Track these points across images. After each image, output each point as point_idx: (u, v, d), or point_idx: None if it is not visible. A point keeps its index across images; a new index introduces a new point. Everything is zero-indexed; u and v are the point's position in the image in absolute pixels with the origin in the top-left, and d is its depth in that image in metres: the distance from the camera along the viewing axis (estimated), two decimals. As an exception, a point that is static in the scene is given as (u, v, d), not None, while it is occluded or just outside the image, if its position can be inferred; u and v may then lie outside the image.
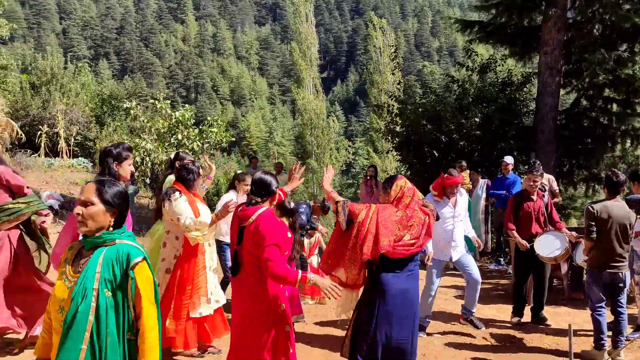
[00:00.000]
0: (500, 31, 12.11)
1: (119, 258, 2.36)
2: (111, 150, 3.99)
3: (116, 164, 3.95)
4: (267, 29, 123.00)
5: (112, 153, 3.96)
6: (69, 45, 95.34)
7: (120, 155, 3.97)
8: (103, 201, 2.40)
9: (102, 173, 3.95)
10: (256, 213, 3.41)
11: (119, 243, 2.41)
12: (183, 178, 4.61)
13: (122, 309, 2.36)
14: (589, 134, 11.55)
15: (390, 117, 12.61)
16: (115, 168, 3.95)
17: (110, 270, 2.35)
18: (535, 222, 6.27)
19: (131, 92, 22.95)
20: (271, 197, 3.53)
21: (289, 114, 79.27)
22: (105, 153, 3.98)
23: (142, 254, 2.40)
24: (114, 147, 4.01)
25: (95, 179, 2.52)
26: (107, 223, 2.41)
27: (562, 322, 6.20)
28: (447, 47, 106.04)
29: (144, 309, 2.37)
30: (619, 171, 5.27)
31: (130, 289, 2.37)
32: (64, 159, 16.50)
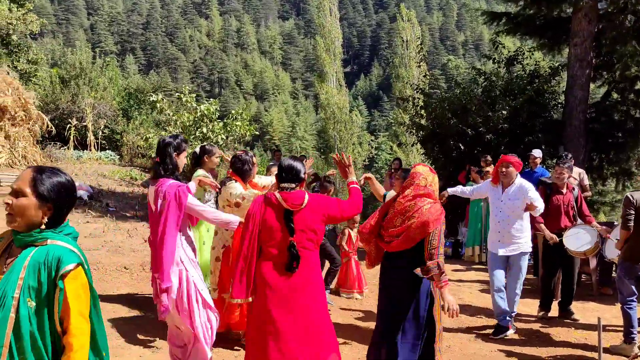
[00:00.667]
0: (528, 23, 11.93)
1: (47, 262, 1.99)
2: (171, 141, 3.83)
3: (176, 154, 3.81)
4: (291, 23, 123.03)
5: (173, 143, 3.81)
6: (97, 41, 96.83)
7: (180, 146, 3.84)
8: (36, 194, 2.03)
9: (162, 163, 3.78)
10: (306, 197, 3.32)
11: (50, 244, 2.03)
12: (239, 169, 4.62)
13: (46, 323, 1.99)
14: (620, 128, 11.32)
15: (415, 110, 12.53)
16: (175, 159, 3.81)
17: (36, 276, 1.98)
18: (565, 215, 6.18)
19: (156, 86, 23.24)
20: (301, 183, 3.47)
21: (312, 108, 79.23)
22: (165, 143, 3.81)
23: (77, 260, 2.03)
24: (173, 138, 3.86)
25: (33, 167, 2.13)
26: (38, 220, 2.05)
27: (590, 317, 6.10)
28: (473, 40, 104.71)
29: (71, 325, 1.99)
30: None
31: (57, 301, 1.99)
32: (92, 151, 16.80)
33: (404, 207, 3.65)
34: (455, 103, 11.55)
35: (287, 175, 3.41)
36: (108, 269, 7.25)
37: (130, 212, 10.42)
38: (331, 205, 3.42)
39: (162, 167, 3.76)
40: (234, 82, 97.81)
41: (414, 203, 3.63)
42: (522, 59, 12.21)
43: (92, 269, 7.08)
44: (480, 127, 11.16)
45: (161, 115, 15.02)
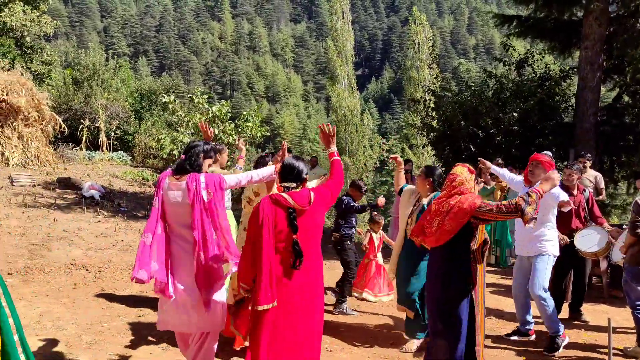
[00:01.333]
0: (539, 26, 11.92)
1: None
2: (201, 144, 3.82)
3: (202, 156, 3.77)
4: (303, 26, 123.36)
5: (202, 147, 3.80)
6: (110, 43, 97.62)
7: (208, 152, 3.83)
8: None
9: (189, 160, 3.73)
10: (311, 195, 3.35)
11: None
12: None
13: None
14: (631, 131, 11.26)
15: (426, 111, 12.55)
16: (202, 161, 3.79)
17: None
18: (576, 217, 6.16)
19: (169, 88, 23.43)
20: (303, 183, 3.46)
21: (323, 111, 79.38)
22: (195, 144, 3.82)
23: None
24: (205, 143, 3.86)
25: None
26: None
27: (600, 319, 6.07)
28: (484, 44, 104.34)
29: None
30: None
31: None
32: (104, 152, 16.96)
33: (437, 208, 3.72)
34: (466, 105, 11.55)
35: (288, 175, 3.44)
36: (119, 267, 7.35)
37: (141, 212, 10.52)
38: (327, 195, 3.48)
39: (189, 162, 3.72)
40: (246, 85, 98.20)
41: (447, 202, 3.68)
42: (532, 62, 12.18)
43: (103, 267, 7.20)
44: (491, 129, 11.16)
45: (173, 116, 15.15)
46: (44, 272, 6.85)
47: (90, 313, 5.51)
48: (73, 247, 7.82)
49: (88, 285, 6.58)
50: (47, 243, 7.80)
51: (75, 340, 4.74)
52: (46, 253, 7.44)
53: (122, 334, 4.94)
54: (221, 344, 4.10)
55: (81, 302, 5.91)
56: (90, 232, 8.61)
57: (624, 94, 11.64)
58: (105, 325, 5.18)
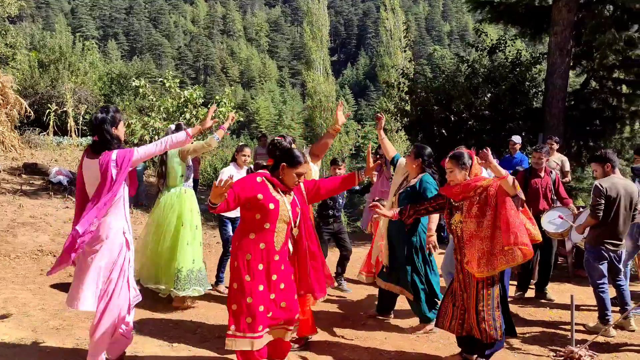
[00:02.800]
0: (511, 11, 11.99)
1: None
2: (105, 116, 3.72)
3: (114, 128, 3.73)
4: (277, 10, 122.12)
5: (107, 119, 3.71)
6: (78, 25, 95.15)
7: (115, 119, 3.76)
8: None
9: (105, 141, 3.68)
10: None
11: None
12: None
13: None
14: (598, 116, 11.49)
15: (400, 95, 12.59)
16: (114, 131, 3.74)
17: None
18: (543, 198, 6.32)
19: (140, 72, 22.99)
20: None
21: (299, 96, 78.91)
22: (100, 120, 3.71)
23: None
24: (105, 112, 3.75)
25: None
26: None
27: (565, 298, 6.23)
28: (458, 30, 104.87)
29: None
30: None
31: None
32: (72, 137, 16.59)
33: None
34: (439, 90, 11.63)
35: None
36: (88, 252, 7.23)
37: (111, 197, 10.35)
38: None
39: (107, 144, 3.67)
40: (220, 70, 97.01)
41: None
42: (504, 48, 12.30)
43: (71, 252, 7.07)
44: (463, 114, 11.26)
45: (144, 100, 14.89)
46: (10, 258, 6.71)
47: (57, 298, 5.42)
48: (40, 233, 7.67)
49: (55, 271, 6.46)
50: (13, 229, 7.63)
51: (42, 325, 4.67)
52: (12, 239, 7.29)
53: (90, 319, 4.85)
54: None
55: (48, 287, 5.81)
56: (57, 217, 8.45)
57: (592, 80, 11.85)
58: (72, 310, 5.08)
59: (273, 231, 3.74)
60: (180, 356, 4.25)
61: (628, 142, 11.60)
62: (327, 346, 4.58)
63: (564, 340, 4.81)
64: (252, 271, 3.70)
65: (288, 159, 3.76)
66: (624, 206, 5.04)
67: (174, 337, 4.60)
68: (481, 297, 3.89)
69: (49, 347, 4.22)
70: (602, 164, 5.20)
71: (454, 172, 3.98)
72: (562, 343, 4.78)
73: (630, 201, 5.08)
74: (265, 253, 3.73)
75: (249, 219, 3.74)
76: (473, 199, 3.86)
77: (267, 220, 3.71)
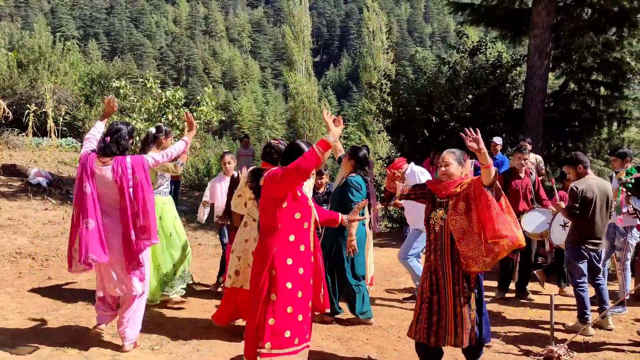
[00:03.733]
0: (491, 13, 12.15)
1: None
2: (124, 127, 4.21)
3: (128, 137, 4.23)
4: (260, 11, 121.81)
5: (126, 128, 4.22)
6: (58, 25, 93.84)
7: (132, 133, 4.25)
8: None
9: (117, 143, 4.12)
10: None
11: None
12: (274, 160, 4.55)
13: None
14: (577, 117, 11.68)
15: (382, 96, 12.66)
16: (127, 143, 4.21)
17: None
18: (523, 199, 6.39)
19: (121, 73, 22.73)
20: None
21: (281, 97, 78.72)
22: (119, 127, 4.18)
23: None
24: (126, 125, 4.23)
25: None
26: None
27: (544, 297, 6.31)
28: (440, 32, 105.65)
29: None
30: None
31: None
32: (52, 138, 16.34)
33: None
34: (421, 91, 11.71)
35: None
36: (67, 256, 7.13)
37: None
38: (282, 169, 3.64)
39: (117, 147, 4.08)
40: (202, 70, 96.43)
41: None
42: (485, 50, 12.44)
43: (50, 256, 6.98)
44: (444, 115, 11.35)
45: (125, 101, 14.74)
46: (-13, 261, 6.60)
47: (36, 302, 5.35)
48: (18, 235, 7.55)
49: (34, 274, 6.38)
50: (-9, 231, 7.50)
51: (21, 329, 4.60)
52: (-11, 242, 7.16)
53: (70, 322, 4.82)
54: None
55: (26, 290, 5.72)
56: (36, 220, 8.33)
57: (571, 82, 12.04)
58: (52, 314, 5.04)
59: (309, 231, 3.65)
60: (161, 358, 4.21)
61: (606, 143, 11.79)
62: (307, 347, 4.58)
63: (544, 340, 4.87)
64: (293, 277, 3.51)
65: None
66: (600, 206, 5.13)
67: (155, 340, 4.56)
68: (459, 300, 3.78)
69: (27, 350, 4.16)
70: (574, 166, 5.29)
71: (450, 167, 3.91)
72: (541, 342, 4.84)
73: (607, 200, 5.17)
74: (304, 255, 3.60)
75: (288, 221, 3.54)
76: (459, 196, 3.83)
77: (306, 219, 3.60)
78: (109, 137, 4.08)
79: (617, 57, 10.77)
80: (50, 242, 7.48)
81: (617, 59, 10.78)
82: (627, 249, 5.79)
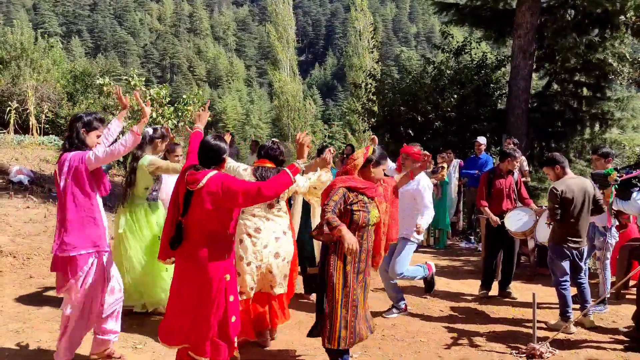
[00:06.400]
0: (475, 14, 12.24)
1: None
2: (82, 116, 3.83)
3: (84, 130, 3.79)
4: (245, 9, 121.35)
5: (83, 119, 3.81)
6: (40, 22, 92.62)
7: (91, 124, 3.82)
8: None
9: (70, 138, 3.79)
10: (206, 177, 3.31)
11: None
12: (275, 158, 4.51)
13: None
14: (560, 117, 11.81)
15: (367, 96, 12.70)
16: (83, 135, 3.78)
17: None
18: (507, 198, 6.44)
19: (104, 70, 22.51)
20: (220, 165, 3.47)
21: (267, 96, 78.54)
22: (75, 118, 3.84)
23: None
24: (86, 115, 3.85)
25: None
26: None
27: (527, 296, 6.32)
28: (425, 32, 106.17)
29: None
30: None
31: None
32: (34, 136, 16.13)
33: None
34: (406, 91, 11.77)
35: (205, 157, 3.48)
36: (49, 254, 7.04)
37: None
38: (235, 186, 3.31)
39: (68, 141, 3.77)
40: (187, 68, 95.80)
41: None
42: (469, 50, 12.53)
43: (32, 254, 6.89)
44: (429, 115, 11.42)
45: (109, 99, 14.58)
46: (-33, 260, 6.49)
47: (18, 301, 5.27)
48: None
49: (15, 273, 6.28)
50: (-30, 230, 7.39)
51: (1, 328, 4.53)
52: (-31, 240, 7.05)
53: (52, 321, 4.76)
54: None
55: (7, 289, 5.64)
56: (18, 218, 8.21)
57: (554, 82, 12.17)
58: (33, 312, 4.97)
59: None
60: (144, 357, 4.18)
61: (588, 144, 11.95)
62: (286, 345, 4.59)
63: (526, 338, 4.92)
64: (234, 272, 3.65)
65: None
66: (580, 204, 5.19)
67: (137, 338, 4.52)
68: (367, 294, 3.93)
69: (8, 350, 4.10)
70: (552, 167, 5.34)
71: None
72: (524, 340, 4.89)
73: (587, 198, 5.22)
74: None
75: (235, 224, 3.56)
76: (380, 195, 3.94)
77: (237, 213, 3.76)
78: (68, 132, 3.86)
79: (599, 59, 10.94)
80: (31, 241, 7.37)
81: (599, 60, 10.94)
82: (607, 249, 5.87)
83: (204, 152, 3.43)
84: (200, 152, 3.44)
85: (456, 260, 8.51)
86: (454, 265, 8.17)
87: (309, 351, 4.51)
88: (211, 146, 3.43)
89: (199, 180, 3.29)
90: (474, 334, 5.09)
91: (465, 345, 4.80)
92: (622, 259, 6.24)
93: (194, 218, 3.35)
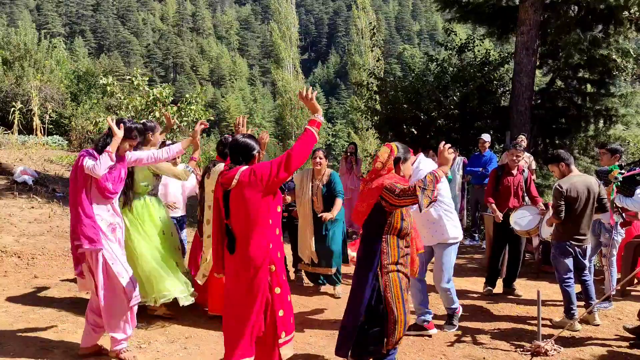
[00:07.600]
0: (478, 11, 12.17)
1: None
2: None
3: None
4: (248, 8, 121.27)
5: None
6: (43, 22, 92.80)
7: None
8: None
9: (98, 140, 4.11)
10: (238, 172, 3.38)
11: None
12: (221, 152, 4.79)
13: None
14: (563, 114, 11.75)
15: (370, 94, 12.68)
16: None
17: None
18: (514, 196, 6.41)
19: (108, 70, 22.57)
20: (251, 162, 3.51)
21: (270, 95, 78.53)
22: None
23: None
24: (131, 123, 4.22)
25: None
26: None
27: (532, 293, 6.35)
28: (428, 30, 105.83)
29: None
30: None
31: None
32: (38, 136, 16.17)
33: (362, 189, 3.90)
34: (409, 88, 11.74)
35: (235, 154, 3.53)
36: (54, 254, 7.08)
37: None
38: (266, 168, 3.38)
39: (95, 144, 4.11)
40: (190, 68, 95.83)
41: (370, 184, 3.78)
42: (472, 47, 12.48)
43: (37, 254, 6.91)
44: (432, 112, 11.39)
45: (112, 99, 14.63)
46: (-28, 260, 6.52)
47: (22, 301, 5.29)
48: (4, 233, 7.46)
49: (20, 273, 6.31)
50: (-25, 230, 7.41)
51: (6, 328, 4.55)
52: (-26, 241, 7.07)
53: (57, 321, 4.78)
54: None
55: (12, 290, 5.66)
56: (22, 218, 8.23)
57: (557, 79, 12.11)
58: (38, 312, 4.99)
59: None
60: (148, 357, 4.19)
61: (593, 140, 11.89)
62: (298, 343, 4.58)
63: (531, 335, 4.90)
64: (282, 265, 3.66)
65: None
66: (585, 202, 5.16)
67: (142, 337, 4.53)
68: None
69: (13, 350, 4.12)
70: (557, 164, 5.31)
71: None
72: (529, 338, 4.88)
73: (591, 196, 5.20)
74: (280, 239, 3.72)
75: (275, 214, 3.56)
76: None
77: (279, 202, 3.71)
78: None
79: (603, 55, 10.87)
80: (36, 241, 7.40)
81: (603, 56, 10.87)
82: (613, 245, 5.85)
83: (235, 150, 3.51)
84: (231, 151, 3.52)
85: (460, 258, 8.47)
86: (457, 263, 8.09)
87: (313, 348, 4.51)
88: (240, 144, 3.51)
89: (232, 178, 3.36)
90: (478, 332, 5.08)
91: (469, 342, 4.79)
92: (627, 256, 6.22)
93: (236, 215, 3.39)
